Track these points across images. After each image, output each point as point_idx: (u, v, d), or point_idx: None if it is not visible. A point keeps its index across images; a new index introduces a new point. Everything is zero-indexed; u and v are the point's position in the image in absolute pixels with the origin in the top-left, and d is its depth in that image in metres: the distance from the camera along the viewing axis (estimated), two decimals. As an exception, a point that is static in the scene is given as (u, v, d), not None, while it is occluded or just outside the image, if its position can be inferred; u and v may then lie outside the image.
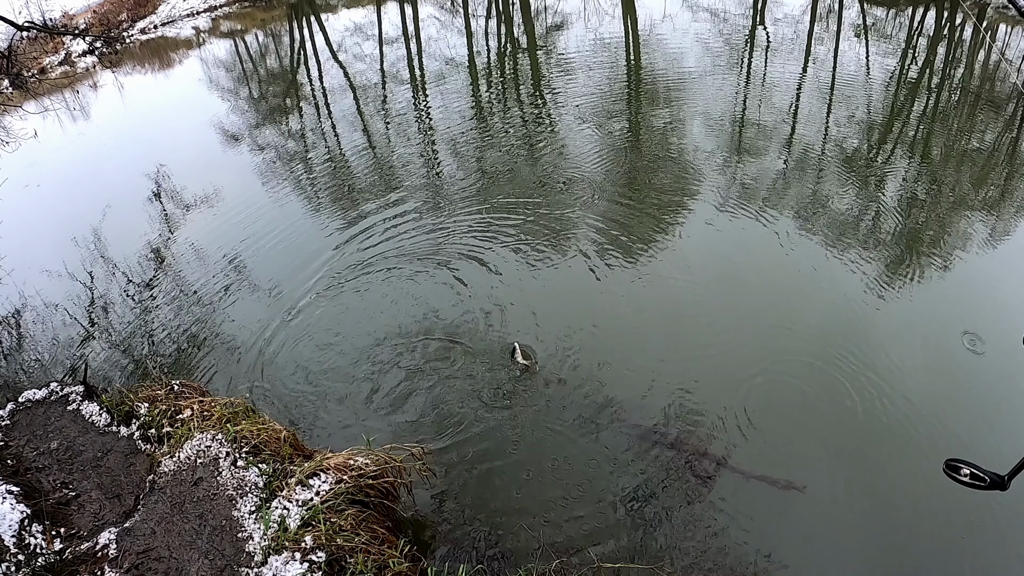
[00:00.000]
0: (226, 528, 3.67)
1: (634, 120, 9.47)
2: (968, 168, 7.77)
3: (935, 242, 6.46)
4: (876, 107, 9.35)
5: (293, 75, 13.96)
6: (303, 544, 3.43)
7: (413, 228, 7.21)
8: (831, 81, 10.16)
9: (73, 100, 13.68)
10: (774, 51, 11.68)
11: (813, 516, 4.23)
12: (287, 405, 5.30)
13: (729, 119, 9.08)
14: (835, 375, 5.08)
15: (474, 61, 13.01)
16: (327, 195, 8.40)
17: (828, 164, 7.83)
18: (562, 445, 4.72)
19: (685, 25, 13.30)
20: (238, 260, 7.20)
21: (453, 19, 15.75)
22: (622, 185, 7.67)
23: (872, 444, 4.60)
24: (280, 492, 3.76)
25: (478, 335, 5.70)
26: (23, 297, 7.10)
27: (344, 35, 15.48)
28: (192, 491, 3.91)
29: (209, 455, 4.09)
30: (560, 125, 9.43)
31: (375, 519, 3.82)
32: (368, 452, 4.11)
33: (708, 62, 11.29)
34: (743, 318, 5.65)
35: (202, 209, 8.43)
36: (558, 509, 4.31)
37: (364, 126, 10.39)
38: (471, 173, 8.33)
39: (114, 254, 7.71)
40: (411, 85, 12.10)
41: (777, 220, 6.76)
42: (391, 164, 8.88)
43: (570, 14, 14.89)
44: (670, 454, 4.60)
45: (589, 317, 5.78)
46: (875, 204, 7.06)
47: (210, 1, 19.79)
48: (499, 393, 5.15)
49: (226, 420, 4.28)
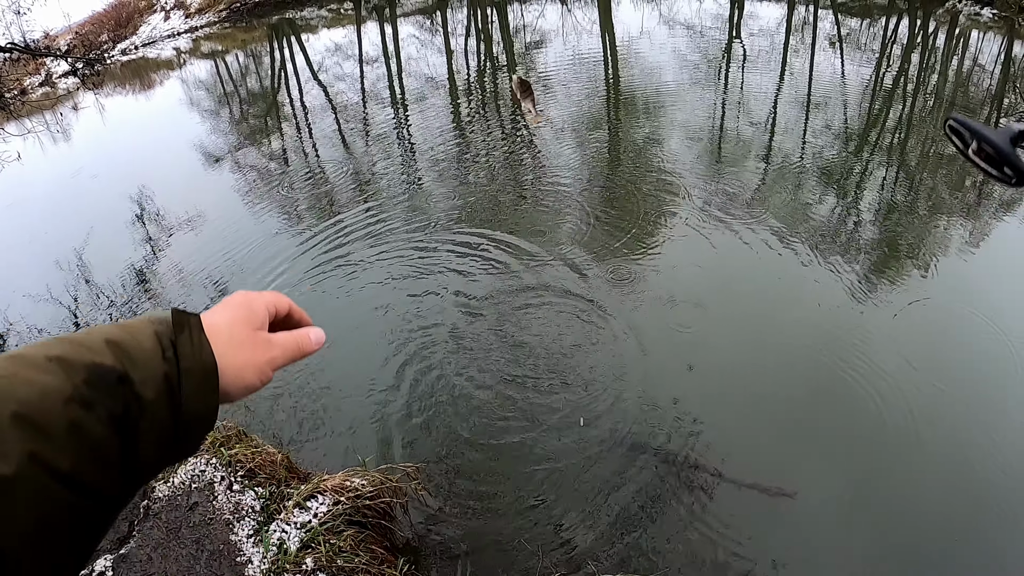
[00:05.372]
0: (224, 553, 3.66)
1: (613, 133, 9.58)
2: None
3: (915, 247, 6.57)
4: (856, 112, 9.54)
5: (274, 95, 13.99)
6: (304, 566, 3.43)
7: (395, 248, 7.23)
8: (808, 91, 10.35)
9: (54, 122, 13.62)
10: (751, 64, 11.87)
11: (805, 521, 4.29)
12: (277, 426, 5.29)
13: (708, 131, 9.22)
14: (826, 381, 5.16)
15: (454, 80, 13.11)
16: (309, 215, 8.41)
17: (809, 172, 7.97)
18: (555, 457, 4.75)
19: (663, 40, 13.50)
20: (221, 281, 7.18)
21: (433, 38, 15.87)
22: (603, 198, 7.76)
23: (865, 448, 4.67)
24: (278, 515, 3.76)
25: (468, 348, 5.73)
26: (7, 322, 7.05)
27: (324, 55, 15.55)
28: (188, 516, 3.90)
29: (204, 479, 4.08)
30: (538, 140, 9.52)
31: (373, 539, 3.83)
32: (364, 473, 4.13)
33: (686, 76, 11.47)
34: (730, 326, 5.73)
35: (184, 230, 8.42)
36: (555, 523, 4.34)
37: (344, 144, 10.43)
38: (452, 188, 8.38)
39: (98, 277, 7.68)
40: (391, 104, 12.17)
41: (760, 228, 6.85)
42: (371, 181, 8.91)
43: (549, 31, 15.05)
44: (662, 465, 4.64)
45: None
46: (861, 210, 7.19)
47: (191, 22, 19.82)
48: (491, 409, 5.18)
49: (219, 444, 4.27)
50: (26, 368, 0.60)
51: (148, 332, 0.69)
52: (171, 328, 0.70)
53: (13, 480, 0.55)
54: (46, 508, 0.57)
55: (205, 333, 0.72)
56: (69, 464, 0.59)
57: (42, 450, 0.57)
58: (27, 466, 0.56)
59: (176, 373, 0.68)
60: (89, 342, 0.65)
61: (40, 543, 0.57)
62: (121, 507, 0.67)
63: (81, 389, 0.61)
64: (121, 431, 0.63)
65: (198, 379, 0.69)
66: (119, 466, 0.63)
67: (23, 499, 0.55)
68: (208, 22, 19.71)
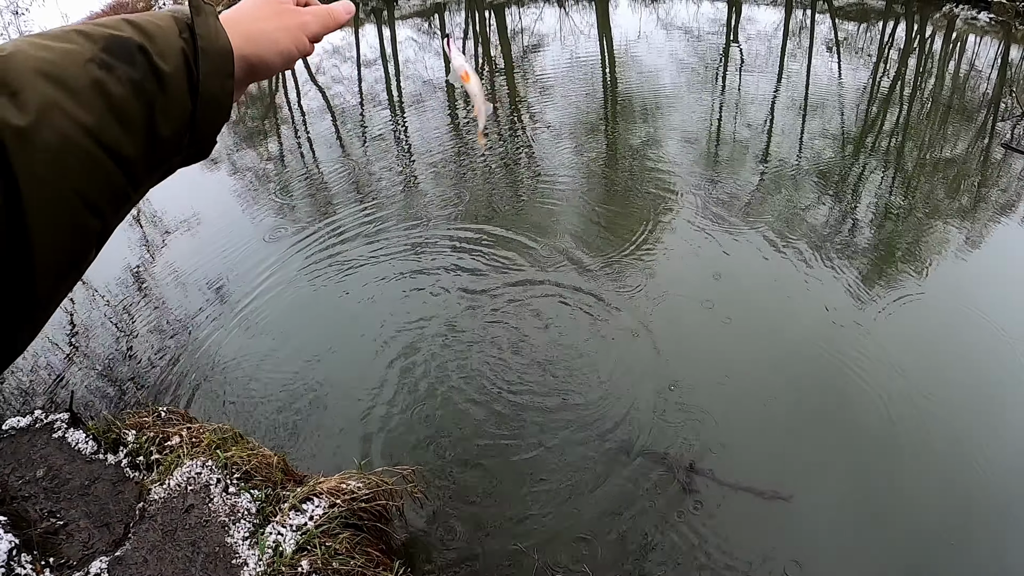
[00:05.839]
0: (220, 555, 3.65)
1: (611, 136, 9.59)
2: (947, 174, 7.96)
3: (911, 249, 6.59)
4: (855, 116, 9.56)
5: (271, 97, 13.97)
6: (300, 569, 3.42)
7: (390, 248, 7.23)
8: (805, 95, 10.37)
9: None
10: (748, 68, 11.90)
11: (801, 525, 4.29)
12: (274, 429, 5.28)
13: (705, 135, 9.23)
14: (823, 383, 5.17)
15: (451, 82, 13.07)
16: (307, 216, 8.39)
17: (805, 175, 7.98)
18: (549, 461, 4.74)
19: (660, 43, 13.52)
20: (220, 284, 7.16)
21: (431, 41, 15.87)
22: (600, 200, 7.76)
23: (862, 451, 4.68)
24: (274, 518, 3.75)
25: (462, 353, 5.73)
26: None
27: (322, 57, 15.53)
28: (183, 518, 3.89)
29: (199, 482, 4.07)
30: (536, 143, 9.52)
31: (369, 542, 3.82)
32: (360, 476, 4.12)
33: (683, 79, 11.48)
34: (727, 328, 5.73)
35: (181, 232, 8.40)
36: (551, 525, 4.34)
37: (341, 145, 10.43)
38: (449, 191, 8.38)
39: (94, 279, 7.65)
40: (389, 106, 12.17)
41: (756, 230, 6.86)
42: (368, 183, 8.91)
43: (546, 35, 15.07)
44: (656, 467, 4.64)
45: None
46: (859, 212, 7.21)
47: (187, 24, 19.80)
48: (488, 411, 5.17)
49: (216, 446, 4.26)
50: (47, 39, 0.63)
51: (166, 15, 0.72)
52: (188, 11, 0.73)
53: (36, 127, 0.57)
54: (70, 159, 0.59)
55: (219, 20, 0.75)
56: (93, 119, 0.61)
57: (65, 102, 0.59)
58: (49, 115, 0.58)
59: (193, 51, 0.70)
60: (107, 22, 0.68)
61: (61, 195, 0.59)
62: (143, 186, 0.69)
63: (101, 55, 0.64)
64: (140, 96, 0.65)
65: (214, 59, 0.72)
66: (143, 135, 0.66)
67: (44, 147, 0.57)
68: (206, 24, 19.69)
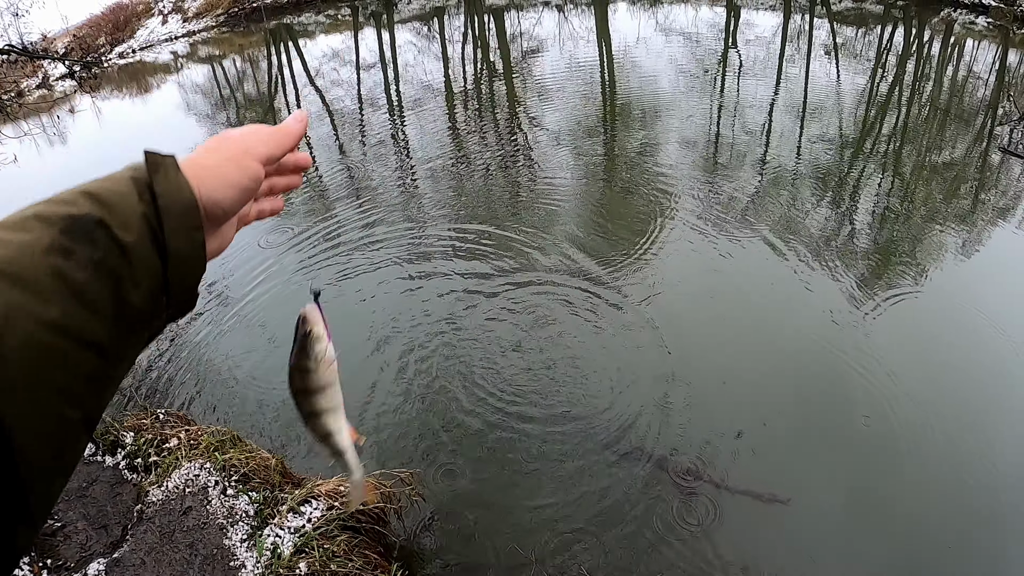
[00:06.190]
0: (217, 557, 3.66)
1: (609, 140, 9.61)
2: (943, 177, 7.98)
3: (912, 254, 6.60)
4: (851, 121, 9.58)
5: (271, 100, 14.00)
6: (297, 571, 3.43)
7: (389, 253, 7.24)
8: (803, 99, 10.40)
9: (51, 124, 13.61)
10: (747, 72, 11.93)
11: (799, 529, 4.29)
12: (272, 432, 5.29)
13: (704, 139, 9.25)
14: (821, 386, 5.18)
15: (451, 86, 13.14)
16: (304, 217, 8.40)
17: (804, 178, 8.00)
18: (548, 464, 4.75)
19: (659, 48, 13.56)
20: (217, 286, 7.17)
21: (430, 45, 15.91)
22: (598, 201, 7.78)
23: (860, 454, 4.68)
24: (272, 520, 3.76)
25: (460, 357, 5.74)
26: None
27: (322, 60, 15.58)
28: (181, 520, 3.89)
29: (198, 484, 4.08)
30: (536, 147, 9.54)
31: (367, 544, 3.83)
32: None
33: (682, 83, 11.51)
34: (725, 331, 5.74)
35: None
36: (549, 527, 4.34)
37: (340, 148, 10.45)
38: (447, 192, 8.40)
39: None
40: (388, 109, 12.20)
41: (754, 233, 6.87)
42: (367, 185, 8.92)
43: (545, 39, 15.11)
44: (657, 472, 4.64)
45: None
46: (858, 215, 7.23)
47: (188, 26, 19.83)
48: (486, 413, 5.18)
49: (214, 448, 4.27)
50: (4, 230, 0.61)
51: (124, 178, 0.69)
52: (146, 171, 0.70)
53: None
54: (40, 360, 0.57)
55: (181, 171, 0.71)
56: (57, 311, 0.59)
57: (27, 302, 0.57)
58: (12, 319, 0.56)
59: (154, 212, 0.67)
60: (65, 197, 0.65)
61: (37, 398, 0.57)
62: (126, 359, 0.67)
63: (59, 239, 0.61)
64: (105, 276, 0.63)
65: (178, 215, 0.69)
66: (111, 313, 0.64)
67: (10, 354, 0.55)
68: (206, 27, 19.73)
